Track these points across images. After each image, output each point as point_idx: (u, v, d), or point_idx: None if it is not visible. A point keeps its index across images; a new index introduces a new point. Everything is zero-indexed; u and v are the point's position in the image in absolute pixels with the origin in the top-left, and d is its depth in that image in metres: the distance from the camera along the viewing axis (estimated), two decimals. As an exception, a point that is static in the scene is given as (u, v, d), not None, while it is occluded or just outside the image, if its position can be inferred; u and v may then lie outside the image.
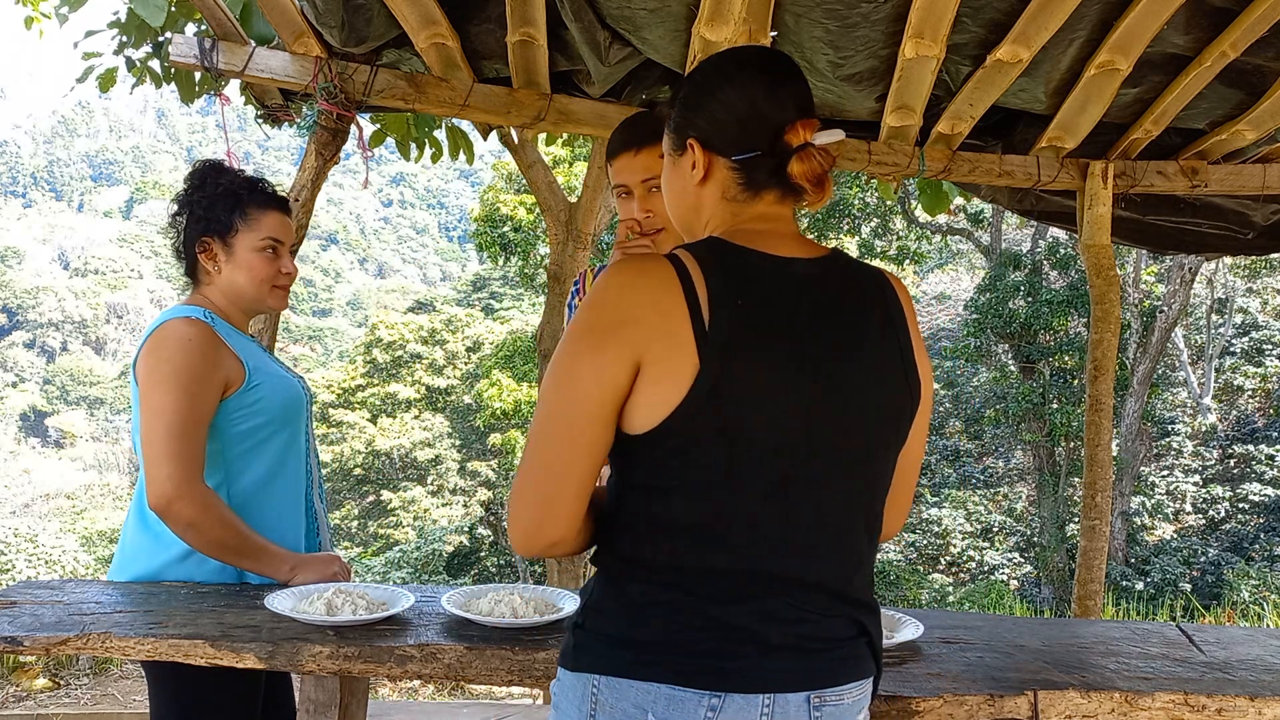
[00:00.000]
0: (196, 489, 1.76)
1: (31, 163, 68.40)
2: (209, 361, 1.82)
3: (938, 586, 15.21)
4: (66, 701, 5.17)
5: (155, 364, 1.80)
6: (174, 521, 1.75)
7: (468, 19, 2.66)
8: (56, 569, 9.13)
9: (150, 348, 1.82)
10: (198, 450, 1.78)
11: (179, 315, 1.86)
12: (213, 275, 1.95)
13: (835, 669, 1.13)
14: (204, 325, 1.85)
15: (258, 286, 1.95)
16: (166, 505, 1.74)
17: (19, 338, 44.07)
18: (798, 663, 1.11)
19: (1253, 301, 18.48)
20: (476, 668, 1.49)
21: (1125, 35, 2.48)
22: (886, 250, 15.31)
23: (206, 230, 1.92)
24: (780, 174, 1.18)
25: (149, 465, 1.76)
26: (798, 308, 1.14)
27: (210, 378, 1.82)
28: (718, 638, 1.09)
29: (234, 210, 1.92)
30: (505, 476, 16.57)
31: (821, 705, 1.11)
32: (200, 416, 1.80)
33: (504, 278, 26.25)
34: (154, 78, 4.09)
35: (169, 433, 1.75)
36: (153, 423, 1.77)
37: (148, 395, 1.79)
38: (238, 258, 1.92)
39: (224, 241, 1.92)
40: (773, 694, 1.08)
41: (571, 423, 1.10)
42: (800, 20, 2.48)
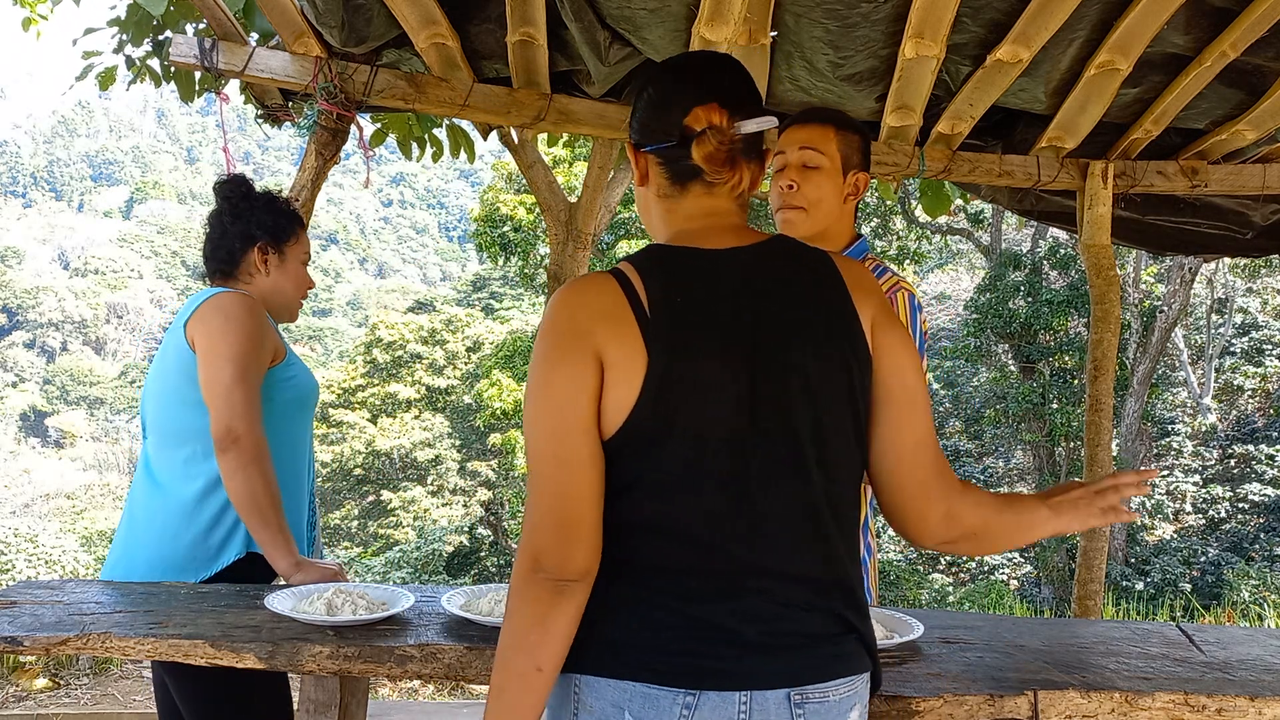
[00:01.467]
0: (260, 433, 1.84)
1: (31, 163, 68.40)
2: (264, 326, 1.95)
3: (938, 586, 15.21)
4: (66, 701, 5.17)
5: (222, 321, 1.89)
6: (233, 454, 1.80)
7: (468, 19, 2.66)
8: (56, 569, 9.13)
9: (211, 309, 1.91)
10: (258, 400, 1.87)
11: (227, 290, 1.97)
12: (257, 277, 2.07)
13: (819, 665, 1.11)
14: (254, 300, 1.99)
15: (298, 291, 2.13)
16: (234, 439, 1.80)
17: (19, 338, 44.07)
18: (776, 659, 1.10)
19: (1253, 301, 18.48)
20: (476, 668, 1.49)
21: (1125, 35, 2.49)
22: (887, 250, 15.31)
23: (272, 235, 2.07)
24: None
25: (218, 401, 1.82)
26: (735, 298, 1.16)
27: (265, 340, 1.94)
28: (693, 636, 1.09)
29: (293, 223, 2.12)
30: (505, 476, 16.57)
31: (804, 703, 1.10)
32: (259, 369, 1.91)
33: (504, 278, 26.25)
34: (153, 77, 4.09)
35: (237, 375, 1.84)
36: (225, 367, 1.84)
37: (214, 344, 1.87)
38: (289, 264, 2.10)
39: (279, 249, 2.08)
40: (749, 691, 1.08)
41: (561, 440, 1.11)
42: (800, 20, 2.48)
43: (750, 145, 1.21)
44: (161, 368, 1.98)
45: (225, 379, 1.83)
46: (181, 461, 1.91)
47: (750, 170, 1.21)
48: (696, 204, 1.23)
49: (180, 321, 1.95)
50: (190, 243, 56.04)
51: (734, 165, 1.19)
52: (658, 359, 1.10)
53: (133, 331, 48.01)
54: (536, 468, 1.12)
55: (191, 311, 1.93)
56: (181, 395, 1.91)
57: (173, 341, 1.95)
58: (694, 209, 1.23)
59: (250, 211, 2.07)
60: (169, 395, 1.95)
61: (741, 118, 1.19)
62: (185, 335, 1.92)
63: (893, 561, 15.40)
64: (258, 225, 2.06)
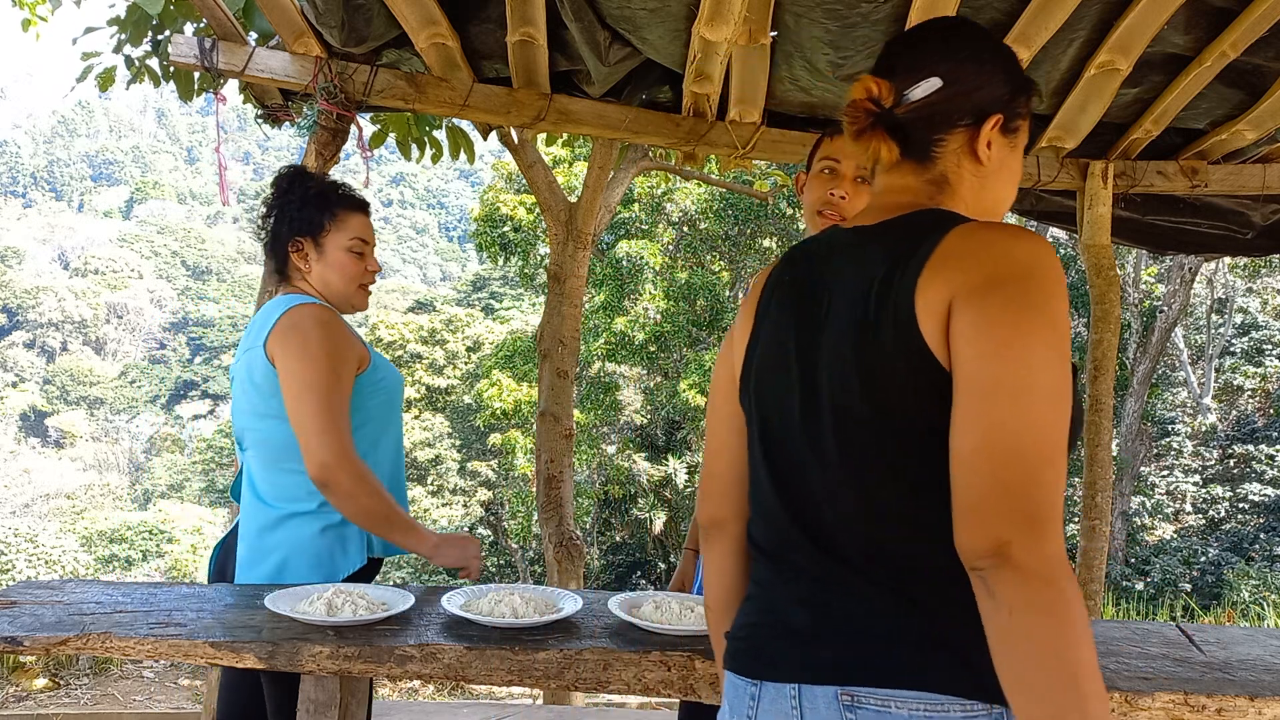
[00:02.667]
0: (354, 458, 1.82)
1: (31, 163, 68.38)
2: (346, 340, 1.91)
3: (938, 586, 15.19)
4: (66, 701, 5.17)
5: (301, 342, 1.85)
6: (334, 490, 1.80)
7: (468, 19, 2.66)
8: (56, 569, 9.13)
9: (287, 328, 1.87)
10: (347, 423, 1.85)
11: (302, 302, 1.92)
12: (304, 273, 2.02)
13: (873, 667, 0.98)
14: (330, 310, 1.94)
15: (346, 283, 2.02)
16: (329, 475, 1.79)
17: (19, 338, 44.06)
18: (823, 651, 1.01)
19: (1253, 301, 18.47)
20: (476, 668, 1.49)
21: (1125, 35, 2.49)
22: (886, 250, 15.30)
23: (300, 230, 2.00)
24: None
25: (308, 438, 1.80)
26: (807, 279, 1.14)
27: (349, 356, 1.91)
28: (760, 621, 1.10)
29: (324, 211, 2.00)
30: (505, 477, 16.56)
31: (855, 706, 0.97)
32: (345, 392, 1.87)
33: (504, 278, 26.25)
34: (153, 77, 4.09)
35: (323, 406, 1.81)
36: (306, 397, 1.81)
37: (296, 372, 1.83)
38: (328, 256, 2.01)
39: (315, 241, 2.00)
40: (799, 684, 1.02)
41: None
42: (800, 20, 2.48)
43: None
44: (250, 384, 1.93)
45: (309, 409, 1.81)
46: (296, 476, 1.88)
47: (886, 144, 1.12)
48: (879, 180, 1.18)
49: (260, 337, 1.90)
50: (190, 243, 56.05)
51: (858, 134, 1.13)
52: (753, 338, 1.17)
53: (133, 331, 47.99)
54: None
55: (270, 327, 1.89)
56: (280, 415, 1.88)
57: (256, 359, 1.90)
58: (877, 186, 1.19)
59: (284, 208, 2.02)
60: (264, 413, 1.90)
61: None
62: (266, 353, 1.88)
63: (893, 561, 15.39)
64: (288, 222, 2.01)
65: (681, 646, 1.53)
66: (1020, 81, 1.14)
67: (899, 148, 1.11)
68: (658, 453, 14.53)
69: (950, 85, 1.09)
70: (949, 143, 1.12)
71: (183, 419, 39.95)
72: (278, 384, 1.86)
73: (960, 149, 1.12)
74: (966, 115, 1.11)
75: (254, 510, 1.92)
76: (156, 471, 31.99)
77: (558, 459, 5.50)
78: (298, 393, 1.82)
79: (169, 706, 5.35)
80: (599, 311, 13.51)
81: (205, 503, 22.94)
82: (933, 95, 1.09)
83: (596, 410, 13.91)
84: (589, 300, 13.30)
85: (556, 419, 5.52)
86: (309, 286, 2.02)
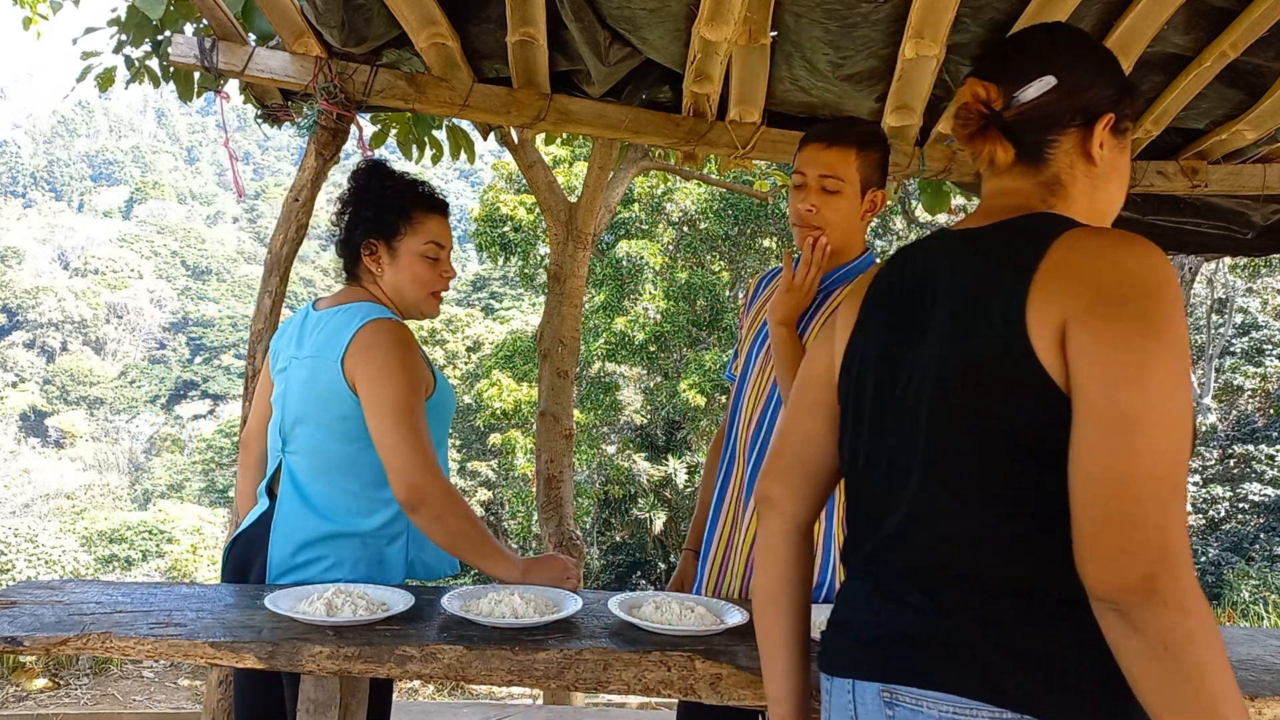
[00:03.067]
0: (443, 479, 1.79)
1: (31, 163, 68.39)
2: (420, 360, 1.87)
3: (938, 586, 15.20)
4: (66, 701, 5.17)
5: (384, 360, 1.80)
6: (425, 512, 1.76)
7: (468, 19, 2.66)
8: (56, 569, 9.13)
9: (369, 344, 1.81)
10: (430, 443, 1.80)
11: (378, 315, 1.86)
12: (376, 276, 1.96)
13: (911, 667, 1.02)
14: (406, 327, 1.88)
15: (418, 290, 1.96)
16: (420, 497, 1.75)
17: (19, 338, 44.07)
18: (872, 649, 1.07)
19: (1253, 301, 18.47)
20: (476, 668, 1.49)
21: (1125, 35, 2.48)
22: (887, 250, 15.31)
23: (373, 232, 1.94)
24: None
25: (396, 459, 1.75)
26: (914, 281, 1.15)
27: (423, 376, 1.86)
28: (838, 619, 1.15)
29: (400, 214, 1.93)
30: (505, 477, 16.56)
31: (894, 703, 1.02)
32: (423, 407, 1.83)
33: (504, 278, 26.24)
34: (152, 77, 4.09)
35: (412, 428, 1.77)
36: (393, 417, 1.76)
37: (380, 390, 1.78)
38: (401, 260, 1.94)
39: (389, 245, 1.94)
40: (852, 680, 1.07)
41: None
42: (800, 20, 2.48)
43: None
44: (313, 392, 1.86)
45: (401, 431, 1.75)
46: (351, 495, 1.86)
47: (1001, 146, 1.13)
48: (988, 184, 1.20)
49: (335, 352, 1.83)
50: (190, 243, 56.05)
51: (969, 138, 1.15)
52: (855, 335, 1.19)
53: (133, 331, 47.99)
54: None
55: (346, 344, 1.82)
56: (343, 431, 1.84)
57: (327, 370, 1.84)
58: (986, 189, 1.20)
59: (359, 206, 1.95)
60: (324, 424, 1.86)
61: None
62: (343, 371, 1.82)
63: (893, 561, 15.39)
64: (361, 223, 1.95)
65: (681, 646, 1.53)
66: (1126, 83, 1.16)
67: (1014, 149, 1.12)
68: (658, 453, 14.53)
69: (1062, 85, 1.10)
70: (1061, 143, 1.12)
71: (183, 419, 39.93)
72: (350, 403, 1.81)
73: (1073, 149, 1.13)
74: (1078, 115, 1.12)
75: (299, 518, 1.87)
76: (156, 471, 31.99)
77: (558, 459, 5.50)
78: (385, 414, 1.77)
79: (169, 706, 5.35)
80: (599, 311, 13.51)
81: (205, 503, 22.94)
82: (1045, 96, 1.10)
83: (596, 410, 13.91)
84: (589, 300, 13.30)
85: (556, 419, 5.52)
86: (379, 291, 1.96)
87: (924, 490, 1.05)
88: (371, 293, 1.97)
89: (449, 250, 2.01)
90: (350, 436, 1.84)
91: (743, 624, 1.65)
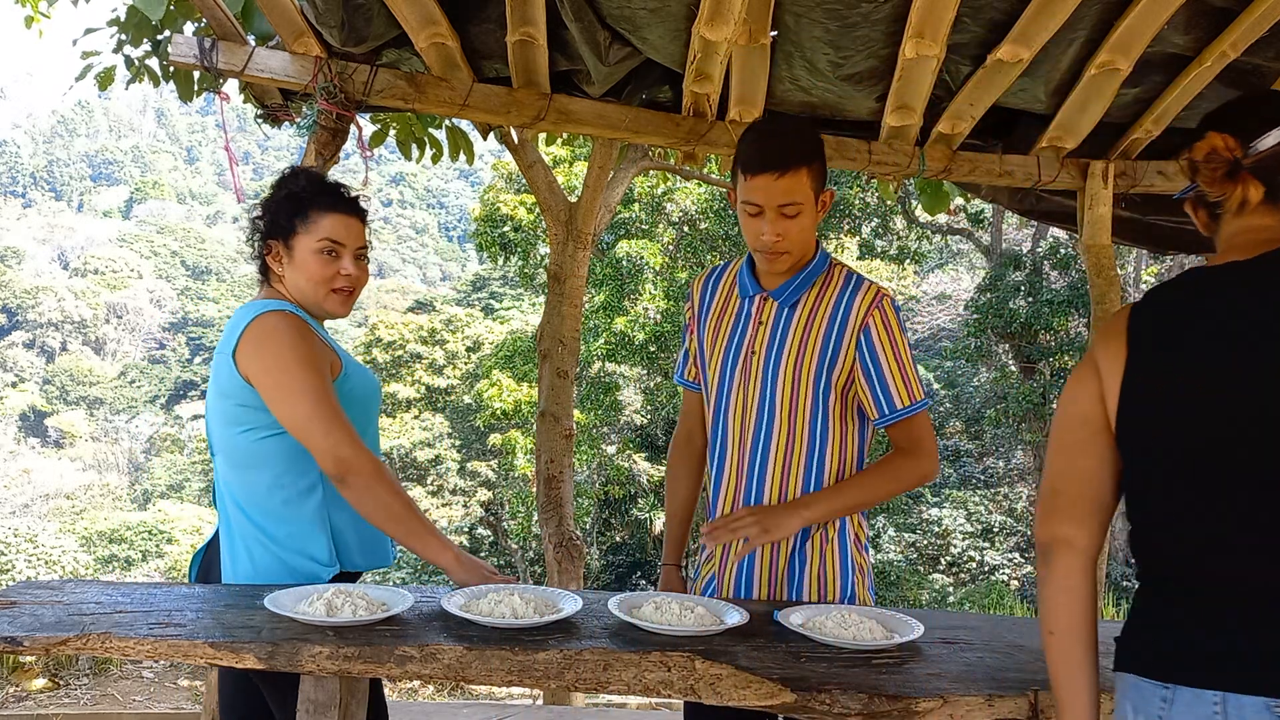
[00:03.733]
0: (367, 451, 1.81)
1: (31, 163, 68.38)
2: (317, 345, 1.88)
3: (938, 587, 15.21)
4: (66, 701, 5.17)
5: (276, 350, 1.82)
6: (354, 485, 1.79)
7: (468, 19, 2.66)
8: (56, 569, 9.13)
9: (258, 337, 1.84)
10: (344, 415, 1.82)
11: (269, 309, 1.88)
12: (279, 276, 1.99)
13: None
14: (297, 316, 1.90)
15: (315, 287, 1.96)
16: (346, 470, 1.78)
17: (19, 338, 44.05)
18: (1251, 662, 1.13)
19: (1253, 301, 18.44)
20: (476, 668, 1.49)
21: (1125, 35, 2.48)
22: (887, 250, 15.30)
23: (271, 232, 1.97)
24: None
25: (316, 439, 1.78)
26: (1184, 319, 1.25)
27: (324, 360, 1.88)
28: (1166, 626, 1.23)
29: (295, 214, 1.95)
30: (505, 477, 16.56)
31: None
32: (329, 386, 1.84)
33: (504, 278, 26.24)
34: (152, 77, 4.09)
35: (320, 403, 1.79)
36: (301, 401, 1.79)
37: (281, 380, 1.81)
38: (297, 259, 1.95)
39: (285, 244, 1.96)
40: (1223, 692, 1.13)
41: None
42: (800, 20, 2.48)
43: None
44: (218, 391, 1.90)
45: (305, 412, 1.79)
46: (265, 488, 1.88)
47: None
48: (1231, 223, 1.34)
49: (229, 346, 1.87)
50: (190, 242, 56.05)
51: (1220, 183, 1.32)
52: (1133, 379, 1.26)
53: (132, 331, 47.99)
54: None
55: (238, 337, 1.86)
56: (243, 421, 1.87)
57: (225, 368, 1.87)
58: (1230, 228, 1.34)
59: (264, 209, 1.98)
60: (230, 420, 1.89)
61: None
62: (236, 364, 1.85)
63: (893, 562, 15.40)
64: (264, 224, 1.98)
65: (681, 646, 1.53)
66: None
67: (1264, 189, 1.28)
68: (658, 453, 14.53)
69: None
70: None
71: (182, 419, 39.91)
72: (247, 394, 1.84)
73: None
74: None
75: (228, 513, 1.92)
76: (156, 471, 31.99)
77: (558, 459, 5.50)
78: (286, 398, 1.80)
79: (169, 706, 5.35)
80: (599, 311, 13.51)
81: (205, 503, 22.93)
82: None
83: (596, 410, 13.91)
84: (589, 300, 13.29)
85: (556, 419, 5.52)
86: (284, 289, 1.99)
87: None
88: (277, 292, 2.00)
89: (353, 248, 2.01)
90: (251, 426, 1.86)
91: (742, 624, 1.65)
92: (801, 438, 1.96)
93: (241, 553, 1.89)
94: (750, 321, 2.01)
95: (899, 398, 1.93)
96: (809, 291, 1.98)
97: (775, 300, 1.98)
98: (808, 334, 1.96)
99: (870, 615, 1.72)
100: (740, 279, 2.05)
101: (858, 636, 1.62)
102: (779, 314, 1.98)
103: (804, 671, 1.49)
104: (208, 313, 49.39)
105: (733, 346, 2.03)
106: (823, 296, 1.97)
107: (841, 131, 3.10)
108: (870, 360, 1.93)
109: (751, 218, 1.91)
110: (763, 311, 2.00)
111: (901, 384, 1.93)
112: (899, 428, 1.96)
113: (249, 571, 1.88)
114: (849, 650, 1.60)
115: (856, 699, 1.42)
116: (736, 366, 2.02)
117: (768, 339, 1.98)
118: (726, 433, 2.03)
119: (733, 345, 2.03)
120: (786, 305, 1.98)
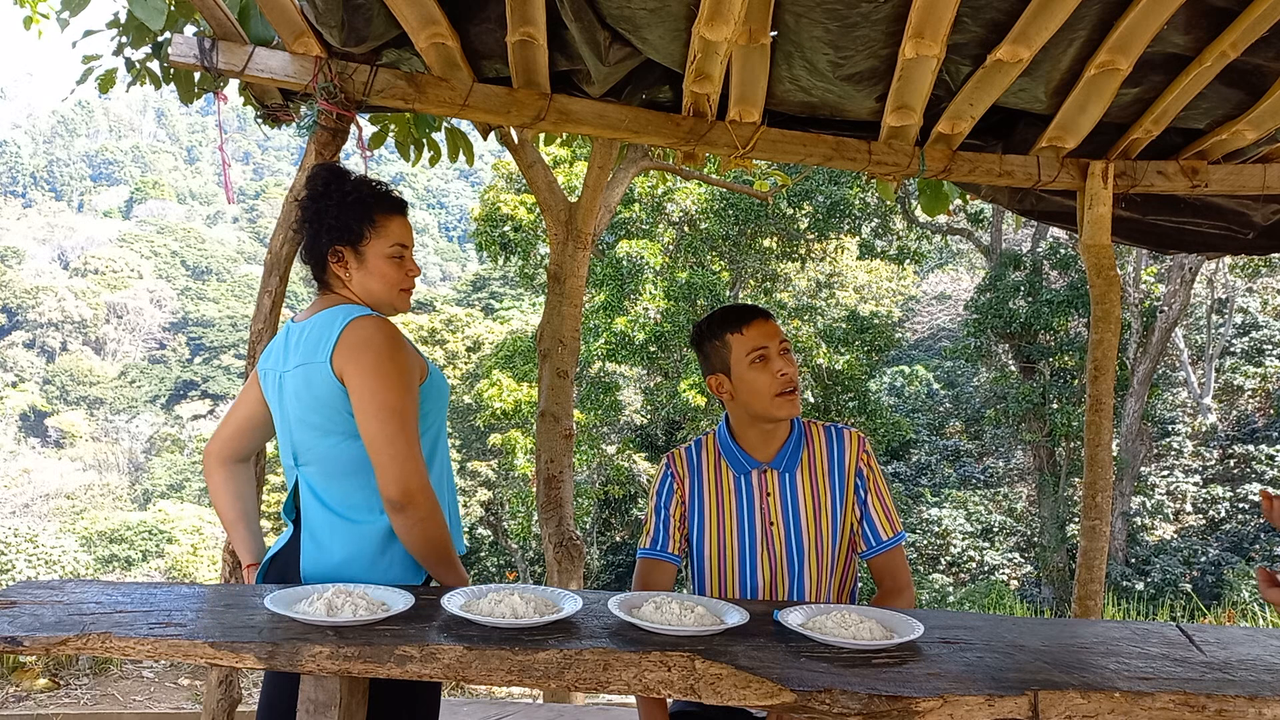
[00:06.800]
0: (430, 487, 1.82)
1: (31, 163, 68.36)
2: (410, 354, 1.88)
3: (938, 587, 15.21)
4: (66, 701, 5.17)
5: (373, 358, 1.81)
6: (411, 515, 1.79)
7: (468, 19, 2.65)
8: (56, 569, 9.14)
9: (358, 344, 1.82)
10: (420, 446, 1.83)
11: (361, 313, 1.87)
12: (344, 281, 1.97)
13: None
14: (390, 323, 1.89)
15: (389, 291, 1.97)
16: (409, 501, 1.78)
17: (19, 338, 44.05)
18: None
19: (1253, 301, 18.48)
20: (476, 668, 1.49)
21: (1125, 35, 2.48)
22: (887, 250, 15.31)
23: (339, 239, 1.95)
24: None
25: (393, 461, 1.78)
26: None
27: (415, 371, 1.88)
28: None
29: (363, 219, 1.94)
30: (505, 477, 16.56)
31: None
32: (416, 407, 1.85)
33: (504, 278, 26.24)
34: (153, 79, 4.09)
35: (402, 430, 1.79)
36: (388, 421, 1.79)
37: (377, 391, 1.79)
38: (369, 265, 1.95)
39: (356, 250, 1.95)
40: None
41: None
42: (800, 20, 2.48)
43: None
44: (311, 399, 1.86)
45: (390, 433, 1.77)
46: (358, 492, 1.87)
47: None
48: None
49: (324, 354, 1.84)
50: (190, 242, 56.05)
51: None
52: None
53: (133, 331, 47.99)
54: None
55: (334, 342, 1.83)
56: (345, 428, 1.85)
57: (319, 374, 1.84)
58: None
59: (320, 214, 1.95)
60: (329, 430, 1.86)
61: None
62: (333, 370, 1.82)
63: (893, 561, 15.36)
64: (326, 230, 1.94)
65: (681, 646, 1.53)
66: None
67: None
68: (658, 453, 14.53)
69: None
70: None
71: (182, 419, 39.94)
72: (348, 401, 1.82)
73: None
74: None
75: (318, 515, 1.89)
76: (156, 471, 32.01)
77: (558, 459, 5.50)
78: (376, 414, 1.78)
79: (169, 706, 5.35)
80: (599, 311, 13.51)
81: (205, 503, 22.93)
82: None
83: (596, 410, 13.91)
84: (589, 300, 13.29)
85: (556, 419, 5.52)
86: (350, 294, 1.96)
87: None
88: (344, 296, 1.97)
89: (412, 248, 2.03)
90: (354, 434, 1.85)
91: (742, 624, 1.65)
92: (829, 579, 2.14)
93: (332, 550, 1.87)
94: (756, 494, 2.13)
95: (883, 530, 2.12)
96: (803, 454, 2.14)
97: (776, 470, 2.13)
98: (818, 497, 2.12)
99: (870, 615, 1.72)
100: (728, 454, 2.16)
101: (858, 636, 1.62)
102: (783, 483, 2.13)
103: (804, 671, 1.49)
104: (208, 313, 49.39)
105: (745, 519, 2.14)
106: (815, 456, 2.14)
107: (841, 131, 3.10)
108: (863, 499, 2.13)
109: (764, 364, 2.08)
110: (766, 484, 2.13)
111: (885, 518, 2.13)
112: (881, 558, 2.13)
113: (335, 565, 1.87)
114: (849, 650, 1.60)
115: (856, 699, 1.42)
116: (756, 538, 2.13)
117: (781, 509, 2.12)
118: (757, 595, 2.15)
119: (745, 518, 2.14)
120: (787, 473, 2.13)
